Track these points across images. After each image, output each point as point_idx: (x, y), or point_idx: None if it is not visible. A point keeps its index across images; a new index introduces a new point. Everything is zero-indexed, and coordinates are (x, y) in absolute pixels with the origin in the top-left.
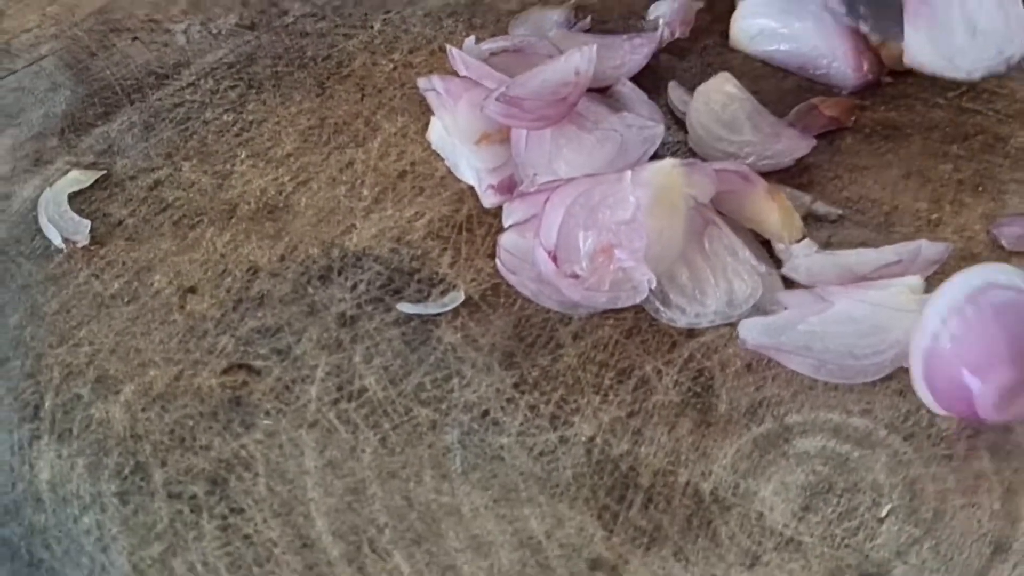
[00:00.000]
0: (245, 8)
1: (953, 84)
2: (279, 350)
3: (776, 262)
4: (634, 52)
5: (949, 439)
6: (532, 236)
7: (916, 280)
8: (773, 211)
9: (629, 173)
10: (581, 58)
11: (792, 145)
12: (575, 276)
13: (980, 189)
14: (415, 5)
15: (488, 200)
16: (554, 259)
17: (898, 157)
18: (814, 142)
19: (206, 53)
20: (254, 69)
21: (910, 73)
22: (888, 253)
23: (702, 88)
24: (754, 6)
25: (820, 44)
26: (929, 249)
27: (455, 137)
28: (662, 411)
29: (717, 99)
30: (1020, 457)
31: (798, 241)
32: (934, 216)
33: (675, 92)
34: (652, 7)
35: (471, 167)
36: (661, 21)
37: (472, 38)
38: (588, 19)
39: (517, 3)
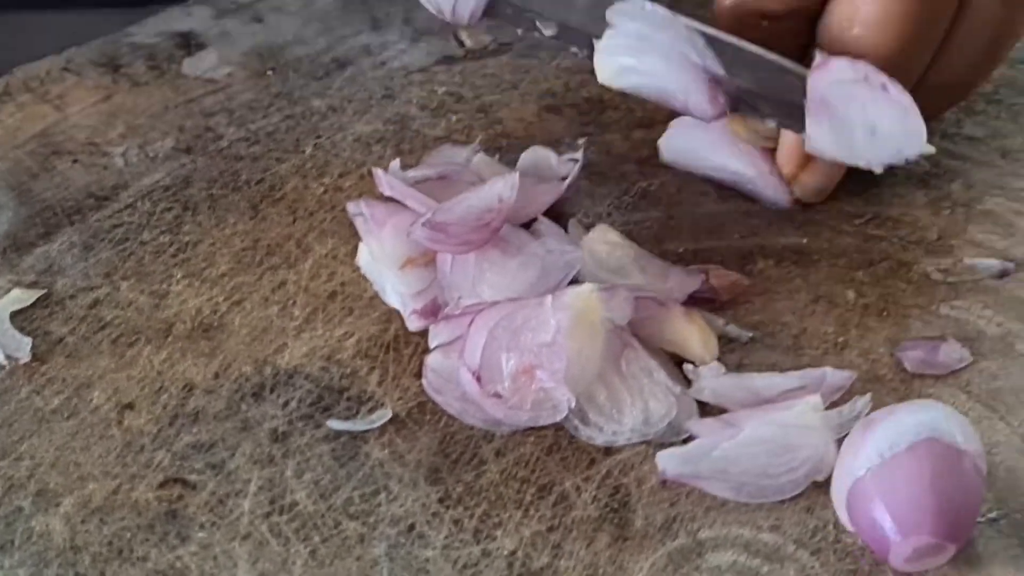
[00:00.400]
0: (181, 133)
1: (860, 212)
2: (213, 465)
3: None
4: (543, 194)
5: (854, 554)
6: (457, 357)
7: (816, 399)
8: (692, 333)
9: (550, 297)
10: (504, 185)
11: (681, 283)
12: (498, 395)
13: (884, 314)
14: (345, 131)
15: (412, 324)
16: (478, 379)
17: (807, 282)
18: (703, 278)
19: (143, 176)
20: (190, 192)
21: (819, 202)
22: (794, 379)
23: (586, 240)
24: (613, 45)
25: (673, 81)
26: (834, 376)
27: (380, 262)
28: (581, 526)
29: (601, 249)
30: (923, 572)
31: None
32: (840, 339)
33: (574, 230)
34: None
35: (396, 291)
36: (577, 162)
37: (397, 161)
38: (496, 156)
39: (443, 129)
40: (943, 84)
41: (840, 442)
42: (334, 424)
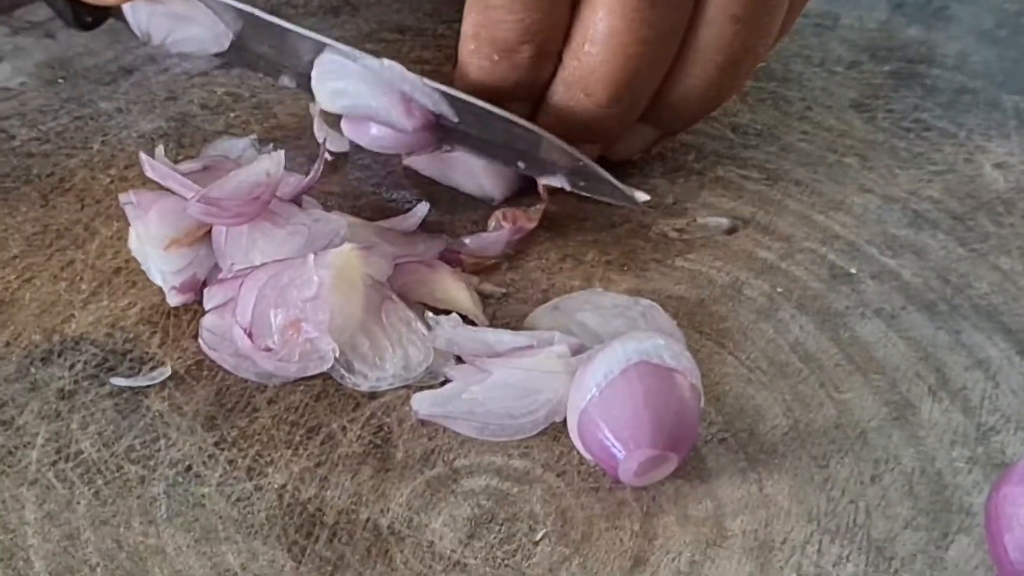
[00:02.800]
0: None
1: None
2: (3, 421)
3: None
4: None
5: (596, 475)
6: (230, 316)
7: (563, 348)
8: (462, 289)
9: (312, 256)
10: (271, 162)
11: (428, 246)
12: (268, 349)
13: (625, 268)
14: (130, 129)
15: (172, 300)
16: (249, 335)
17: (555, 244)
18: (445, 239)
19: None
20: None
21: None
22: (523, 338)
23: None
24: (324, 72)
25: (374, 100)
26: (563, 340)
27: (146, 244)
28: (346, 461)
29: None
30: (657, 487)
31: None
32: (586, 292)
33: None
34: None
35: (159, 270)
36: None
37: (161, 147)
38: (271, 146)
39: (222, 125)
40: (685, 99)
41: None
42: (117, 381)
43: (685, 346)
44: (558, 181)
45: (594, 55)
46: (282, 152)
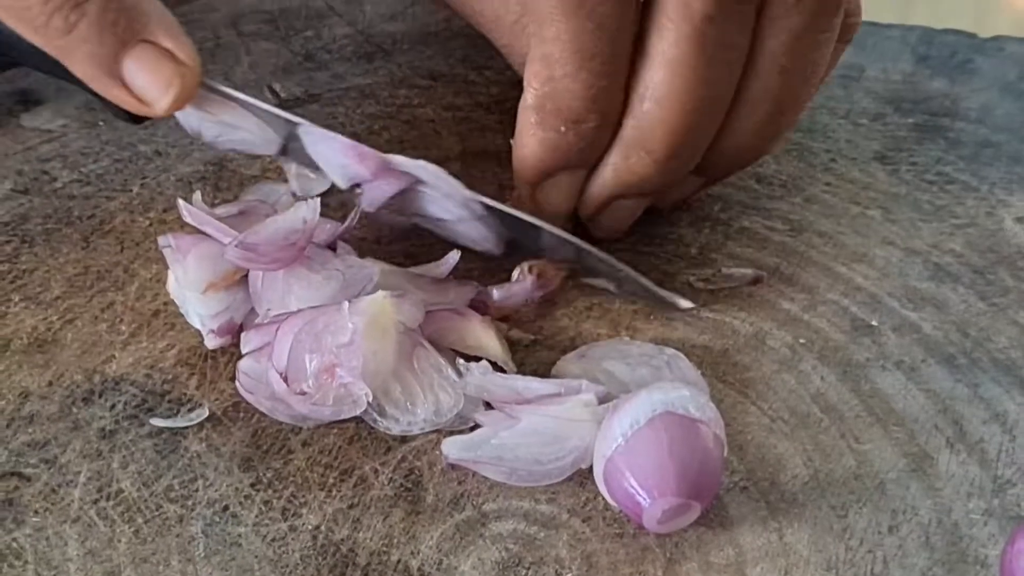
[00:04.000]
0: (19, 176)
1: (630, 231)
2: (47, 460)
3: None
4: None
5: (621, 521)
6: (266, 360)
7: (590, 396)
8: (492, 338)
9: (347, 303)
10: (307, 209)
11: (459, 293)
12: (303, 393)
13: (651, 317)
14: (168, 172)
15: (211, 343)
16: (285, 379)
17: (582, 292)
18: (475, 287)
19: None
20: (27, 227)
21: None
22: (551, 385)
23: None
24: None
25: (350, 167)
26: (590, 388)
27: (184, 287)
28: (378, 503)
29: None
30: (680, 534)
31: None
32: (612, 341)
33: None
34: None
35: (196, 313)
36: (359, 193)
37: (199, 193)
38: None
39: (258, 169)
40: (733, 148)
41: None
42: (156, 421)
43: (709, 395)
44: (603, 283)
45: (653, 113)
46: (318, 199)
